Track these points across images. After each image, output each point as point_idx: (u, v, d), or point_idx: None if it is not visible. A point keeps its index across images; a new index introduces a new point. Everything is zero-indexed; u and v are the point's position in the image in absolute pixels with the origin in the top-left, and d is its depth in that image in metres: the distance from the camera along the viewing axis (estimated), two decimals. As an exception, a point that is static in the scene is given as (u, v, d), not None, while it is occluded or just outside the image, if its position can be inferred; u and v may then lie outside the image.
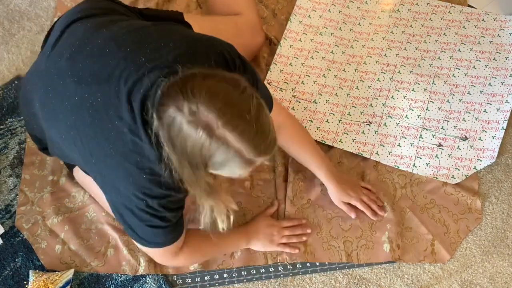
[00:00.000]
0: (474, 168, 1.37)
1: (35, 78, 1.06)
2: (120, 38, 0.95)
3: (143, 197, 0.94)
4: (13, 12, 1.61)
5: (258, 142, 0.80)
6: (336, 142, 1.41)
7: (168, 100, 0.79)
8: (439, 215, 1.33)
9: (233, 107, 0.78)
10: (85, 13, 1.06)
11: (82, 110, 0.93)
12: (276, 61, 1.52)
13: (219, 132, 0.77)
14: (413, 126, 1.42)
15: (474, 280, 1.27)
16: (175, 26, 1.04)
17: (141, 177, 0.92)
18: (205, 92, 0.77)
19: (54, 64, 0.99)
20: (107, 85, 0.91)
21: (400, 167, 1.38)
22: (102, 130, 0.91)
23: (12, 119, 1.42)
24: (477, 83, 1.47)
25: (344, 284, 1.26)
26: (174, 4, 1.61)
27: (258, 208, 1.33)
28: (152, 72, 0.88)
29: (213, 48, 0.97)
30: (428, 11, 1.60)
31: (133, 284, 1.25)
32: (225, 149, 0.78)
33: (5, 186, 1.35)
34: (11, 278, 1.24)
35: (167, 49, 0.93)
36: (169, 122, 0.78)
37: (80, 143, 0.96)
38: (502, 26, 1.54)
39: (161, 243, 1.05)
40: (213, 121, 0.76)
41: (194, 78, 0.80)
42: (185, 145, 0.78)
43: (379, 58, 1.53)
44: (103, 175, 0.99)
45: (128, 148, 0.90)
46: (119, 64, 0.91)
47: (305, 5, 1.60)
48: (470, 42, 1.53)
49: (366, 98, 1.47)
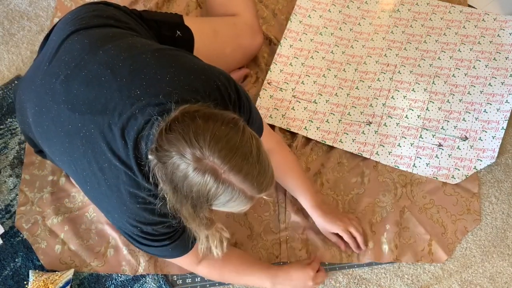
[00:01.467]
0: (474, 168, 1.37)
1: (29, 92, 1.04)
2: (117, 65, 0.94)
3: (137, 224, 0.95)
4: (13, 12, 1.61)
5: (260, 181, 0.82)
6: (336, 142, 1.41)
7: (170, 145, 0.79)
8: (437, 216, 1.33)
9: (237, 150, 0.79)
10: (85, 24, 1.05)
11: (75, 138, 0.93)
12: (276, 61, 1.52)
13: (224, 176, 0.78)
14: (413, 126, 1.42)
15: (474, 280, 1.27)
16: (174, 55, 1.01)
17: (134, 207, 0.93)
18: (209, 138, 0.78)
19: (49, 85, 0.98)
20: (100, 117, 0.91)
21: (400, 167, 1.38)
22: (96, 161, 0.92)
23: (12, 119, 1.42)
24: (477, 83, 1.47)
25: (344, 284, 1.26)
26: (174, 4, 1.61)
27: (259, 208, 1.33)
28: (146, 109, 0.88)
29: (209, 82, 0.96)
30: (428, 11, 1.59)
31: (133, 284, 1.25)
32: (230, 190, 0.80)
33: (5, 186, 1.35)
34: (11, 278, 1.24)
35: (164, 83, 0.92)
36: (173, 169, 0.79)
37: (74, 169, 0.97)
38: (502, 26, 1.54)
39: (170, 255, 1.07)
40: (219, 166, 0.78)
41: (194, 121, 0.80)
42: (190, 190, 0.80)
43: (379, 58, 1.53)
44: (98, 201, 1.00)
45: (122, 180, 0.91)
46: (114, 97, 0.91)
47: (305, 5, 1.60)
48: (470, 42, 1.53)
49: (366, 98, 1.47)
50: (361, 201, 1.34)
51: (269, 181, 0.84)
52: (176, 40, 1.27)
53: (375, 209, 1.33)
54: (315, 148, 1.41)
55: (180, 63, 0.98)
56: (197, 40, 1.30)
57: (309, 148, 1.41)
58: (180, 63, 0.98)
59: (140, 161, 0.88)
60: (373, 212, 1.33)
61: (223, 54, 1.36)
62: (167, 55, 0.99)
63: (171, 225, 0.96)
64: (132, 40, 1.03)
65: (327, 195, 1.35)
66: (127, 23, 1.13)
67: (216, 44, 1.34)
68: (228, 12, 1.43)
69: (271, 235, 1.31)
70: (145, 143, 0.86)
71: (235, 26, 1.39)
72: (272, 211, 1.33)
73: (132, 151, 0.88)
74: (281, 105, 1.46)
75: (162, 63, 0.96)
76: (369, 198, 1.35)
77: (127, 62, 0.95)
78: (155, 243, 0.99)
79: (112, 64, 0.95)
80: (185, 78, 0.94)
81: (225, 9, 1.44)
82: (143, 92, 0.91)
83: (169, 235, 1.00)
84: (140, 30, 1.17)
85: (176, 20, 1.30)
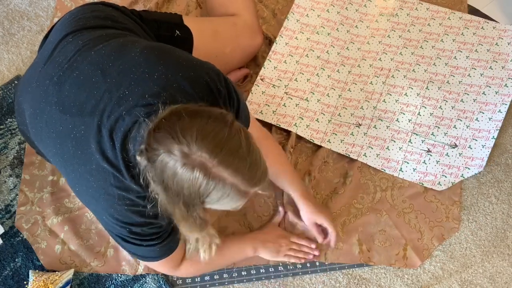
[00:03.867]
0: (462, 176, 1.36)
1: (26, 93, 1.04)
2: (107, 66, 0.94)
3: (125, 226, 0.95)
4: (13, 12, 1.61)
5: (252, 175, 0.81)
6: (325, 142, 1.41)
7: (158, 144, 0.78)
8: (415, 221, 1.33)
9: (225, 144, 0.78)
10: (82, 25, 1.05)
11: (66, 140, 0.93)
12: (271, 58, 1.51)
13: (214, 171, 0.77)
14: (403, 130, 1.42)
15: (474, 280, 1.27)
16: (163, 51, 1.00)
17: (122, 209, 0.93)
18: (195, 133, 0.77)
19: (43, 87, 0.98)
20: (90, 118, 0.91)
21: (387, 170, 1.38)
22: (84, 162, 0.92)
23: (12, 119, 1.42)
24: (471, 91, 1.46)
25: (344, 284, 1.26)
26: (174, 4, 1.61)
27: (258, 207, 1.33)
28: (133, 110, 0.88)
29: (198, 79, 0.95)
30: (427, 16, 1.58)
31: (133, 284, 1.25)
32: (221, 185, 0.79)
33: (5, 186, 1.35)
34: (11, 278, 1.24)
35: (151, 81, 0.92)
36: (162, 167, 0.78)
37: (65, 170, 0.97)
38: (501, 35, 1.54)
39: (156, 257, 1.06)
40: (207, 160, 0.77)
41: (181, 118, 0.79)
42: (181, 187, 0.79)
43: (373, 62, 1.52)
44: (87, 203, 1.00)
45: (109, 182, 0.90)
46: (103, 97, 0.91)
47: (304, 4, 1.60)
48: (467, 49, 1.52)
49: (358, 100, 1.47)
50: (338, 202, 1.35)
51: (262, 175, 0.83)
52: (175, 39, 1.27)
53: (350, 210, 1.34)
54: (304, 148, 1.42)
55: (169, 60, 0.97)
56: (197, 40, 1.30)
57: (298, 149, 1.41)
58: (169, 61, 0.97)
59: (128, 163, 0.88)
60: (348, 213, 1.33)
61: (223, 54, 1.36)
62: (156, 53, 0.98)
63: (160, 225, 0.97)
64: (124, 39, 1.03)
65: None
66: (124, 24, 1.12)
67: (216, 44, 1.34)
68: (228, 12, 1.43)
69: (271, 235, 1.31)
70: (132, 145, 0.86)
71: (235, 26, 1.39)
72: (271, 211, 1.34)
73: (120, 152, 0.88)
74: (272, 101, 1.46)
75: (150, 61, 0.95)
76: (347, 199, 1.35)
77: (116, 62, 0.94)
78: (144, 243, 0.99)
79: (102, 64, 0.94)
80: (173, 76, 0.93)
81: (225, 9, 1.44)
82: (131, 92, 0.90)
83: (158, 235, 1.00)
84: (138, 30, 1.16)
85: (175, 20, 1.30)
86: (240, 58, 1.44)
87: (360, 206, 1.34)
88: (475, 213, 1.35)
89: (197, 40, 1.30)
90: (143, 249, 1.01)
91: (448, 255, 1.30)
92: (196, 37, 1.30)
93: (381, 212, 1.33)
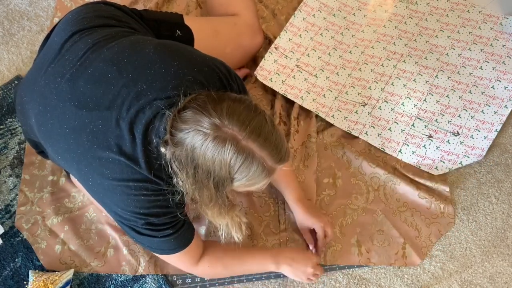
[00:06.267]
0: (460, 163, 1.37)
1: (32, 93, 1.04)
2: (122, 62, 0.96)
3: (141, 217, 0.96)
4: (13, 12, 1.61)
5: (278, 151, 0.85)
6: (329, 117, 1.44)
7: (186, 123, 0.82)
8: (411, 219, 1.33)
9: (252, 120, 0.83)
10: (87, 24, 1.06)
11: (81, 135, 0.94)
12: (287, 29, 1.54)
13: (244, 143, 0.81)
14: (408, 114, 1.44)
15: (474, 280, 1.27)
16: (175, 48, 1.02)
17: (139, 199, 0.93)
18: (225, 108, 0.82)
19: (54, 84, 0.99)
20: (108, 112, 0.92)
21: (386, 150, 1.40)
22: (100, 156, 0.93)
23: (12, 119, 1.42)
24: (481, 84, 1.47)
25: (344, 284, 1.26)
26: (174, 4, 1.61)
27: (259, 208, 1.33)
28: (154, 103, 0.90)
29: (212, 73, 0.99)
30: (447, 7, 1.61)
31: (133, 284, 1.25)
32: (250, 159, 0.82)
33: (5, 186, 1.35)
34: (11, 278, 1.25)
35: (169, 76, 0.94)
36: (191, 145, 0.82)
37: (77, 166, 0.97)
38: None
39: (174, 249, 1.06)
40: (238, 132, 0.81)
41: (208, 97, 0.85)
42: (212, 163, 0.82)
43: (387, 45, 1.55)
44: (100, 196, 1.00)
45: (126, 174, 0.92)
46: (121, 92, 0.93)
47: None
48: (482, 43, 1.54)
49: (367, 81, 1.50)
50: (333, 203, 1.35)
51: (286, 152, 0.87)
52: (176, 39, 1.27)
53: (346, 211, 1.34)
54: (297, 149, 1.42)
55: (183, 56, 1.00)
56: (197, 40, 1.30)
57: (293, 150, 1.41)
58: (183, 56, 1.00)
59: (150, 154, 0.89)
60: (344, 214, 1.33)
61: (223, 53, 1.35)
62: (169, 49, 1.00)
63: (175, 214, 0.98)
64: (134, 37, 1.05)
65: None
66: (127, 23, 1.13)
67: (216, 43, 1.35)
68: (228, 11, 1.43)
69: (271, 236, 1.31)
70: (155, 135, 0.88)
71: (235, 25, 1.39)
72: (272, 211, 1.34)
73: (141, 145, 0.89)
74: (283, 71, 1.49)
75: (165, 57, 0.97)
76: (341, 199, 1.35)
77: (131, 58, 0.96)
78: (159, 233, 0.99)
79: (117, 61, 0.96)
80: (189, 71, 0.96)
81: (225, 9, 1.44)
82: (149, 87, 0.93)
83: (172, 224, 1.00)
84: (141, 29, 1.17)
85: (176, 19, 1.30)
86: (240, 58, 1.44)
87: (355, 207, 1.34)
88: (475, 213, 1.35)
89: (198, 40, 1.30)
90: (158, 241, 1.01)
91: (448, 255, 1.30)
92: (197, 36, 1.30)
93: (377, 212, 1.34)
